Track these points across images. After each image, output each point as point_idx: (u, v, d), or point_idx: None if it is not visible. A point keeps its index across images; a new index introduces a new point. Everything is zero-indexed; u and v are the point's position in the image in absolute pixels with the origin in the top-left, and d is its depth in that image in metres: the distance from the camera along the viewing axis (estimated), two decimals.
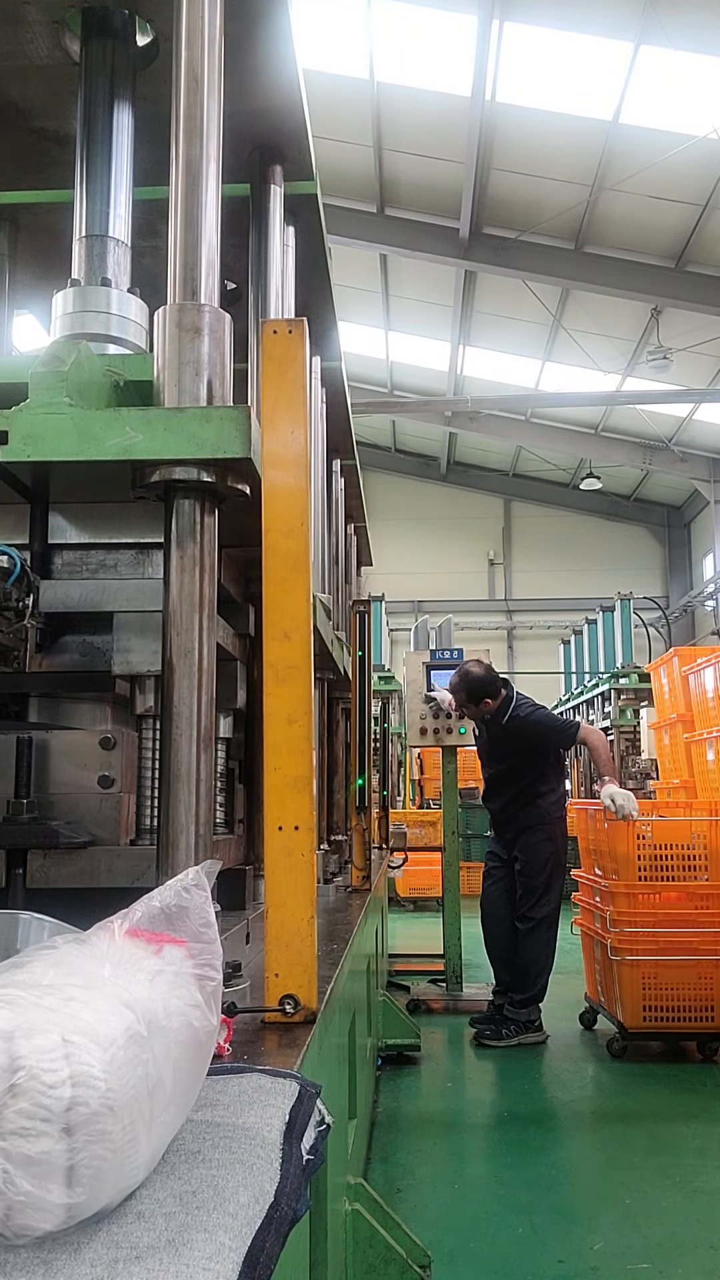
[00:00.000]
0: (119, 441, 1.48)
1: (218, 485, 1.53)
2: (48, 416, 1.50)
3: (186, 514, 1.54)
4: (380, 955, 5.09)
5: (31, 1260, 0.72)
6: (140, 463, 1.51)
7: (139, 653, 1.79)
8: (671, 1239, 2.89)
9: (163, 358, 1.58)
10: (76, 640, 1.89)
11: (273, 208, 2.47)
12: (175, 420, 1.50)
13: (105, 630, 1.84)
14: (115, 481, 1.59)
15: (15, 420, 1.49)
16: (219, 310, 1.61)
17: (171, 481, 1.52)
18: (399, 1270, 2.22)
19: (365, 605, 4.00)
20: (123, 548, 1.84)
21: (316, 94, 3.42)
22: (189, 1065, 0.89)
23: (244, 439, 1.48)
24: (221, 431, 1.48)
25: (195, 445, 1.48)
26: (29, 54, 2.22)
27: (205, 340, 1.57)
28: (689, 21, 9.05)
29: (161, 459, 1.50)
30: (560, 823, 5.39)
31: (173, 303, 1.60)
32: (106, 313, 1.96)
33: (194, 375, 1.55)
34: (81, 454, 1.49)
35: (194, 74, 1.66)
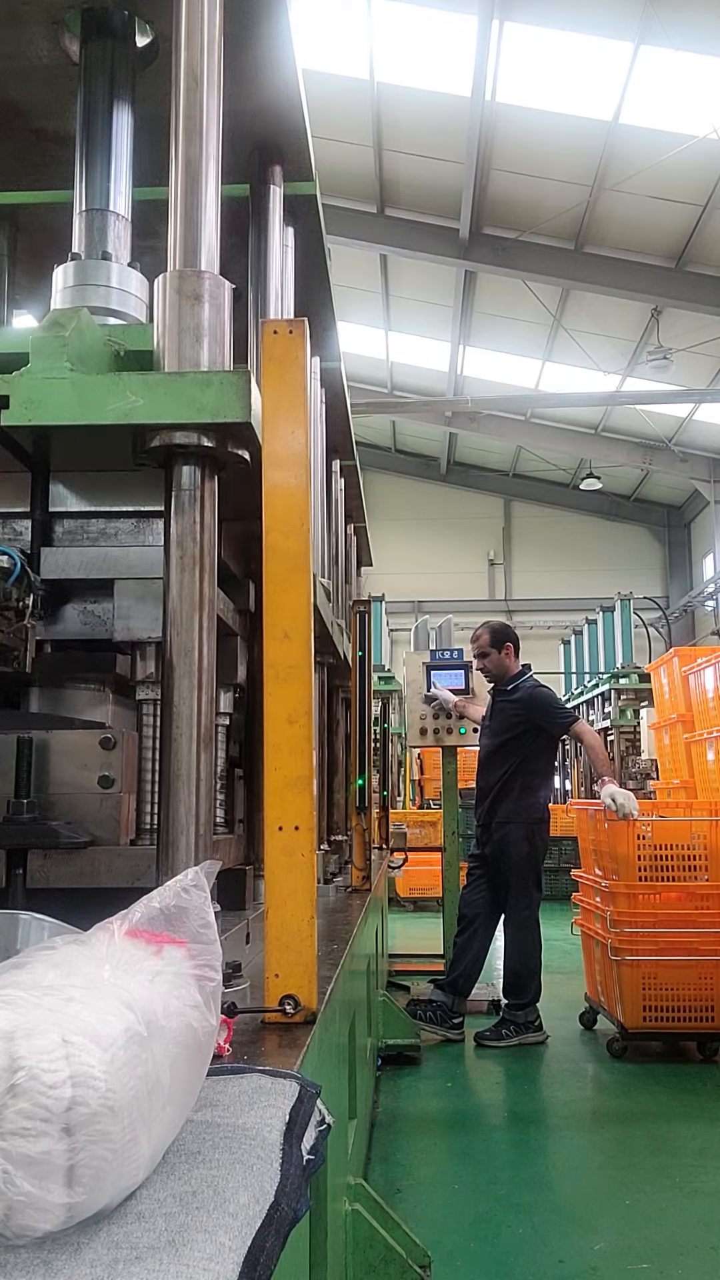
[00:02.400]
0: (119, 406, 1.49)
1: (218, 450, 1.53)
2: (48, 381, 1.51)
3: (187, 480, 1.54)
4: (380, 955, 5.09)
5: (31, 1260, 0.72)
6: (141, 427, 1.52)
7: (139, 619, 1.80)
8: (671, 1239, 2.89)
9: (163, 324, 1.58)
10: (77, 608, 1.90)
11: (272, 208, 2.47)
12: (175, 385, 1.50)
13: (106, 598, 1.84)
14: (116, 449, 1.59)
15: (16, 385, 1.50)
16: (219, 278, 1.62)
17: (172, 446, 1.52)
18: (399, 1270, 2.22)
19: (365, 605, 4.00)
20: (123, 516, 1.85)
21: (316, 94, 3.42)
22: (189, 1065, 0.89)
23: (244, 403, 1.49)
24: (221, 396, 1.49)
25: (195, 409, 1.49)
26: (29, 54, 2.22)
27: (205, 306, 1.58)
28: (689, 21, 9.05)
29: (162, 423, 1.50)
30: (541, 825, 5.34)
31: (173, 269, 1.60)
32: (107, 286, 1.97)
33: (194, 341, 1.56)
34: (82, 418, 1.50)
35: (194, 74, 1.66)
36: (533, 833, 5.28)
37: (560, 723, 5.35)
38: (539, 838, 5.31)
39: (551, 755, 5.64)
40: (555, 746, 5.75)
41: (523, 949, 5.20)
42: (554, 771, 5.86)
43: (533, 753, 5.33)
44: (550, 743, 5.51)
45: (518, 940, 5.22)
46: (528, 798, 5.29)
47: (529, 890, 5.26)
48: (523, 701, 5.32)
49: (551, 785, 5.90)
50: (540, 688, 5.43)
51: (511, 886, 5.25)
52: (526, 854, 5.24)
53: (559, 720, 5.35)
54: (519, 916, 5.23)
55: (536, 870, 5.32)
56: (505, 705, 5.38)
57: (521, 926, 5.22)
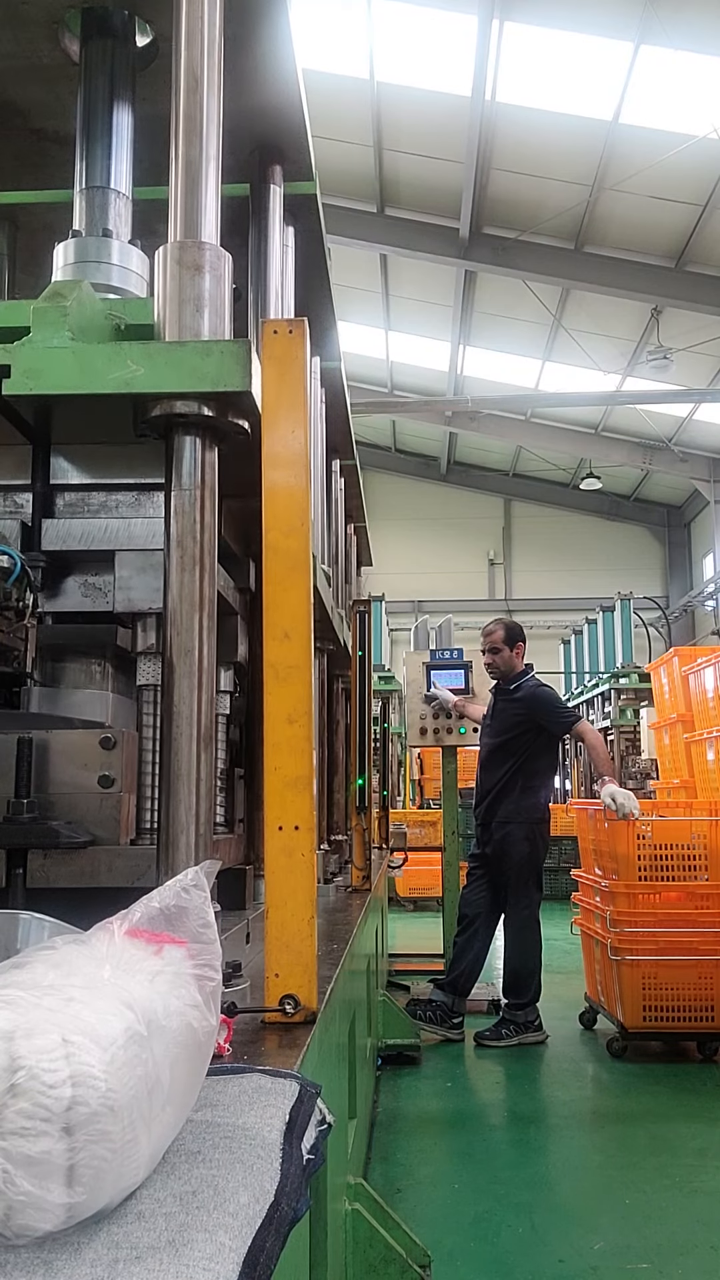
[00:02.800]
0: (120, 375, 1.49)
1: (218, 420, 1.53)
2: (49, 350, 1.51)
3: (187, 451, 1.54)
4: (380, 955, 5.09)
5: (31, 1260, 0.72)
6: (141, 396, 1.52)
7: (140, 590, 1.81)
8: (671, 1239, 2.89)
9: (163, 295, 1.59)
10: (78, 581, 1.90)
11: (272, 208, 2.47)
12: (176, 354, 1.51)
13: (106, 570, 1.85)
14: (117, 421, 1.60)
15: (17, 354, 1.51)
16: (219, 249, 1.62)
17: (172, 416, 1.52)
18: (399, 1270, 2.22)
19: (365, 605, 4.00)
20: (124, 489, 1.85)
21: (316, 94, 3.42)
22: (189, 1065, 0.89)
23: (244, 372, 1.49)
24: (222, 365, 1.49)
25: (196, 378, 1.49)
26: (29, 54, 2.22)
27: (206, 277, 1.58)
28: (689, 21, 9.05)
29: (162, 392, 1.50)
30: (541, 825, 5.35)
31: (173, 240, 1.61)
32: (108, 263, 1.98)
33: (194, 311, 1.57)
34: (83, 387, 1.50)
35: (194, 74, 1.66)
36: (533, 832, 5.28)
37: (563, 722, 5.35)
38: (540, 837, 5.32)
39: (553, 755, 5.64)
40: (557, 746, 5.76)
41: (523, 949, 5.20)
42: (555, 771, 5.85)
43: (534, 752, 5.33)
44: (552, 742, 5.51)
45: (518, 940, 5.22)
46: (529, 797, 5.29)
47: (529, 890, 5.26)
48: (525, 701, 5.32)
49: (552, 785, 5.90)
50: (542, 687, 5.44)
51: (512, 886, 5.25)
52: (527, 854, 5.24)
53: (561, 720, 5.35)
54: (519, 916, 5.24)
55: (537, 870, 5.32)
56: (507, 705, 5.38)
57: (522, 926, 5.23)
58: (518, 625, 5.64)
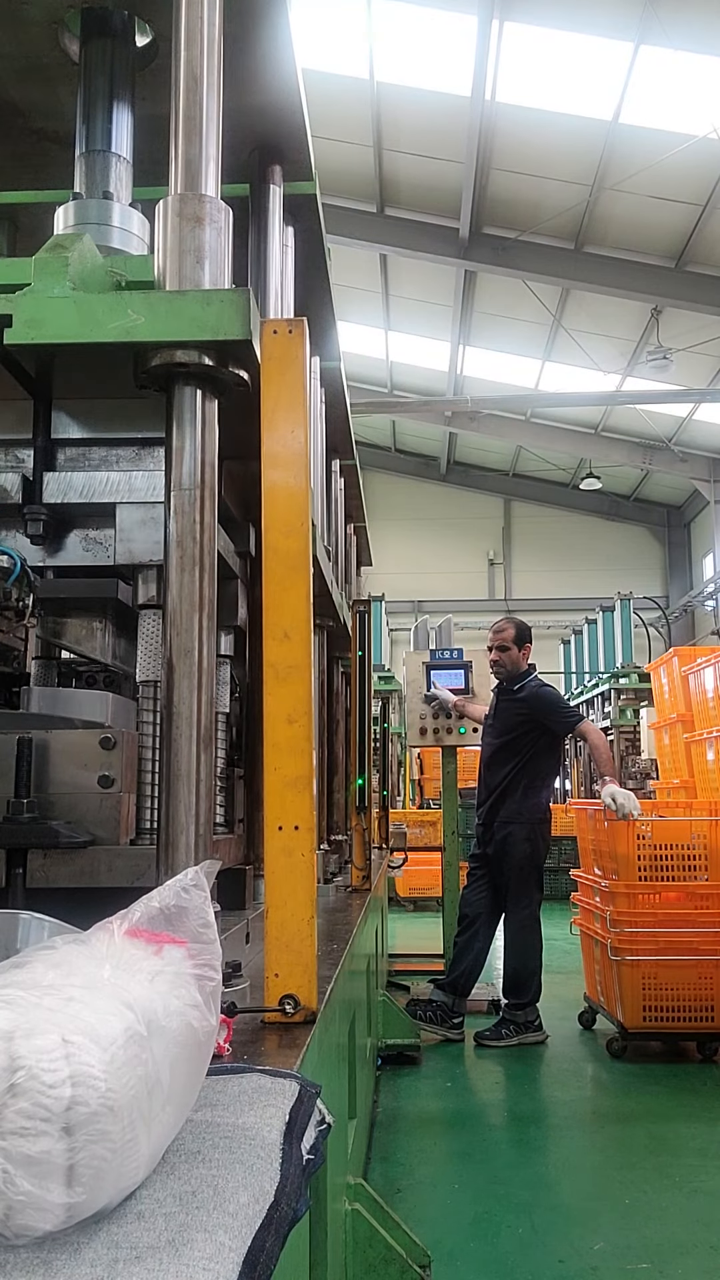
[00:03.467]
0: (121, 324, 1.50)
1: (218, 370, 1.54)
2: (51, 300, 1.52)
3: (188, 403, 1.55)
4: (380, 955, 5.09)
5: (31, 1260, 0.72)
6: (142, 346, 1.52)
7: (141, 542, 1.81)
8: (671, 1239, 2.89)
9: (164, 247, 1.60)
10: (80, 535, 1.91)
11: (272, 208, 2.47)
12: (177, 303, 1.51)
13: (107, 525, 1.85)
14: (118, 376, 1.60)
15: (19, 304, 1.52)
16: (219, 201, 1.62)
17: (173, 366, 1.53)
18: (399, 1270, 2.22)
19: (365, 605, 4.00)
20: (125, 443, 1.86)
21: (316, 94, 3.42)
22: (188, 1065, 0.89)
23: (244, 321, 1.50)
24: (222, 314, 1.50)
25: (197, 327, 1.50)
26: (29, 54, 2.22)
27: (206, 229, 1.59)
28: (689, 21, 9.05)
29: (163, 341, 1.51)
30: (543, 825, 5.35)
31: (174, 193, 1.61)
32: (108, 225, 1.98)
33: (195, 263, 1.57)
34: (84, 336, 1.51)
35: (193, 74, 1.66)
36: (535, 833, 5.28)
37: (566, 722, 5.35)
38: (541, 838, 5.32)
39: (556, 755, 5.64)
40: (559, 746, 5.75)
41: (523, 949, 5.20)
42: (558, 772, 5.85)
43: (537, 753, 5.33)
44: (554, 743, 5.51)
45: (518, 940, 5.22)
46: (531, 798, 5.29)
47: (530, 890, 5.26)
48: (528, 701, 5.31)
49: (553, 784, 5.90)
50: (545, 687, 5.44)
51: (513, 886, 5.25)
52: (528, 854, 5.24)
53: (564, 720, 5.35)
54: (520, 916, 5.24)
55: (538, 870, 5.32)
56: (510, 705, 5.38)
57: (522, 926, 5.22)
58: (528, 626, 5.63)
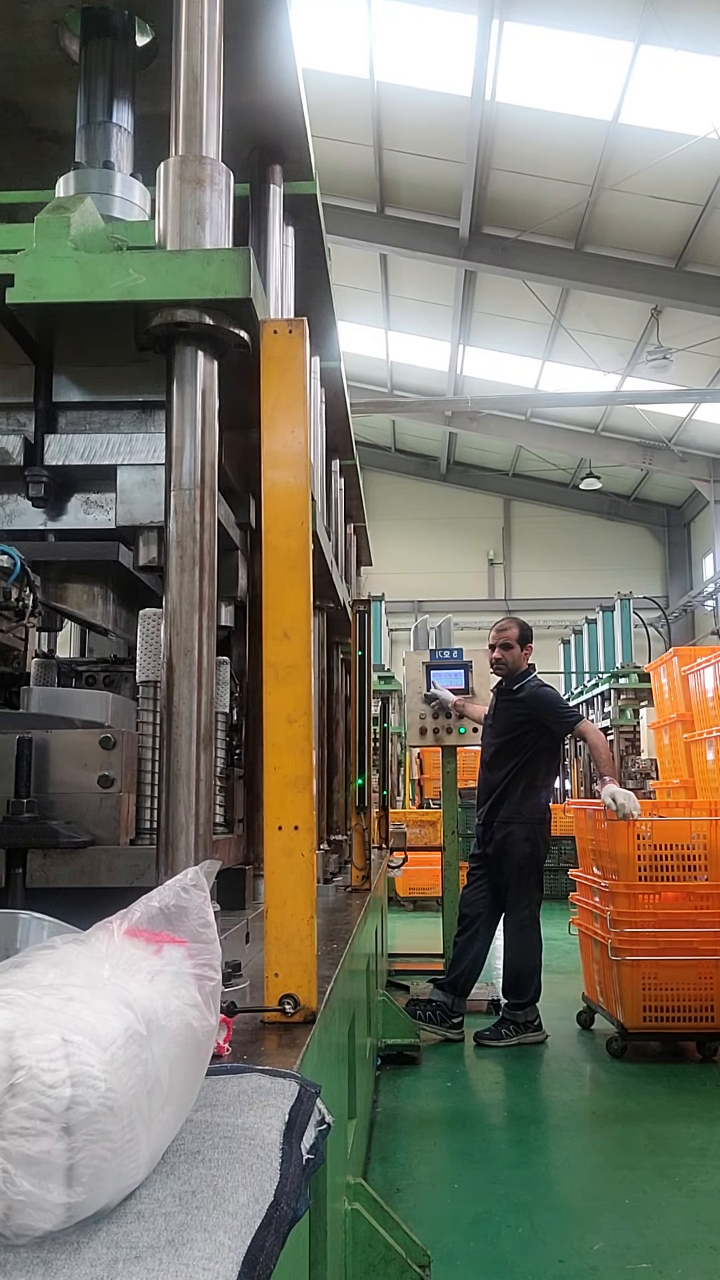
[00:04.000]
0: (122, 283, 1.51)
1: (218, 330, 1.55)
2: (53, 260, 1.53)
3: (188, 363, 1.55)
4: (380, 955, 5.09)
5: (31, 1260, 0.72)
6: (143, 306, 1.53)
7: (141, 504, 1.81)
8: (671, 1239, 2.89)
9: (164, 208, 1.60)
10: (80, 499, 1.91)
11: (272, 208, 2.47)
12: (177, 262, 1.52)
13: (108, 489, 1.86)
14: (119, 337, 1.62)
15: (21, 264, 1.53)
16: (219, 163, 1.63)
17: (173, 325, 1.53)
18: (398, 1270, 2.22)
19: (365, 605, 4.00)
20: (125, 406, 1.86)
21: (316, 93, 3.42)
22: (188, 1065, 0.89)
23: (244, 280, 1.50)
24: (223, 273, 1.51)
25: (197, 286, 1.50)
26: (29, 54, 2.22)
27: (207, 191, 1.59)
28: (689, 21, 9.05)
29: (164, 300, 1.51)
30: (543, 825, 5.34)
31: (175, 155, 1.62)
32: (109, 194, 1.99)
33: (195, 224, 1.58)
34: (86, 295, 1.52)
35: (193, 74, 1.66)
36: (534, 833, 5.28)
37: (566, 722, 5.35)
38: (541, 838, 5.32)
39: (555, 755, 5.64)
40: (559, 747, 5.76)
41: (523, 948, 5.20)
42: (557, 772, 5.85)
43: (536, 753, 5.33)
44: (554, 743, 5.51)
45: (518, 940, 5.22)
46: (530, 798, 5.29)
47: (530, 890, 5.26)
48: (527, 701, 5.32)
49: (553, 784, 5.90)
50: (544, 687, 5.44)
51: (512, 886, 5.25)
52: (528, 854, 5.24)
53: (564, 719, 5.35)
54: (520, 916, 5.24)
55: (538, 870, 5.32)
56: (509, 705, 5.38)
57: (522, 926, 5.23)
58: (530, 626, 5.64)
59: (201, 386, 1.56)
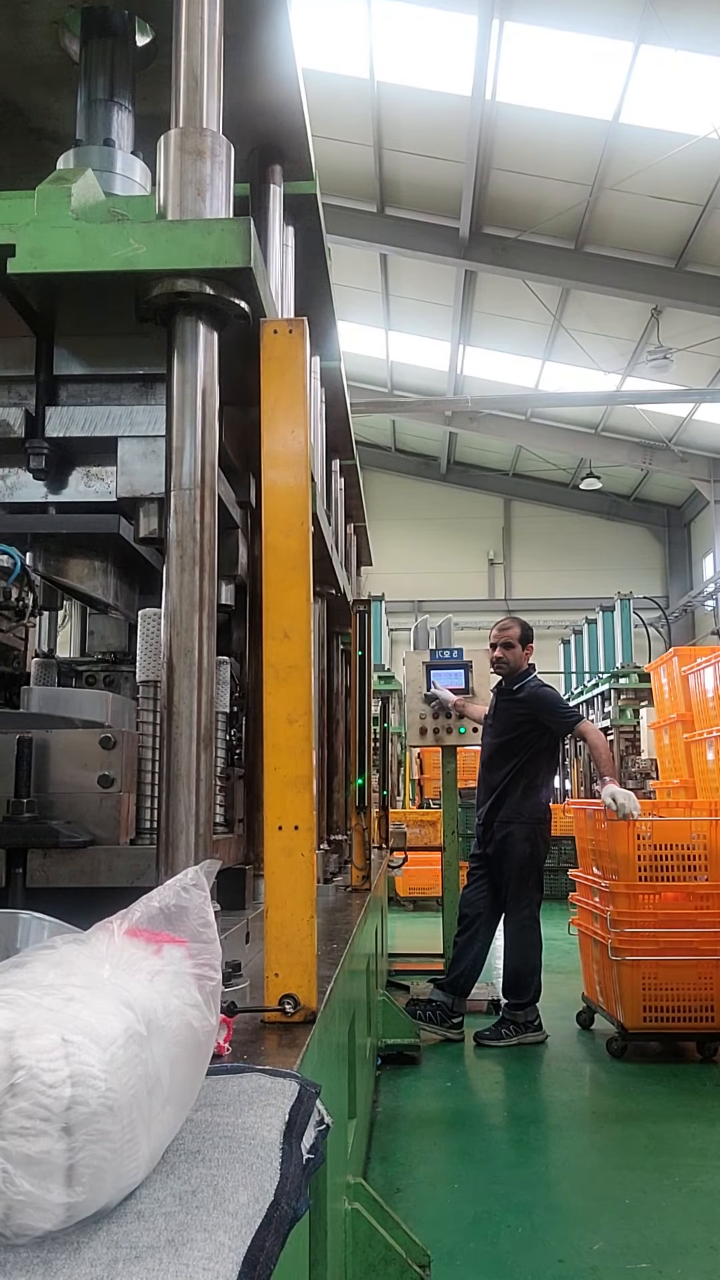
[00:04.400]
0: (123, 253, 1.51)
1: (219, 300, 1.55)
2: (54, 230, 1.54)
3: (189, 334, 1.55)
4: (380, 955, 5.09)
5: (31, 1260, 0.72)
6: (143, 276, 1.53)
7: (142, 475, 1.81)
8: (671, 1239, 2.89)
9: (165, 179, 1.61)
10: (81, 472, 1.91)
11: (272, 207, 2.47)
12: (178, 232, 1.52)
13: (109, 461, 1.86)
14: (119, 309, 1.62)
15: (22, 233, 1.54)
16: (220, 135, 1.63)
17: (174, 296, 1.53)
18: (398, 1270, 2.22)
19: (365, 605, 4.01)
20: (126, 379, 1.87)
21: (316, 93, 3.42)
22: (188, 1065, 0.89)
23: (244, 249, 1.50)
24: (223, 242, 1.51)
25: (198, 255, 1.51)
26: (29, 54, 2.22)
27: (208, 162, 1.60)
28: (689, 21, 9.05)
29: (164, 270, 1.52)
30: (543, 825, 5.35)
31: (176, 127, 1.62)
32: (110, 172, 1.99)
33: (196, 195, 1.58)
34: (87, 265, 1.52)
35: (193, 74, 1.66)
36: (534, 833, 5.28)
37: (565, 722, 5.36)
38: (541, 838, 5.32)
39: (554, 755, 5.65)
40: (558, 746, 5.76)
41: (523, 949, 5.20)
42: (556, 771, 5.86)
43: (536, 753, 5.33)
44: (553, 743, 5.52)
45: (518, 940, 5.23)
46: (530, 798, 5.29)
47: (530, 890, 5.26)
48: (527, 701, 5.32)
49: (552, 784, 5.91)
50: (544, 687, 5.44)
51: (512, 886, 5.25)
52: (528, 854, 5.24)
53: (564, 720, 5.36)
54: (520, 916, 5.24)
55: (538, 870, 5.32)
56: (509, 705, 5.39)
57: (522, 926, 5.23)
58: (531, 626, 5.65)
59: (202, 358, 1.56)
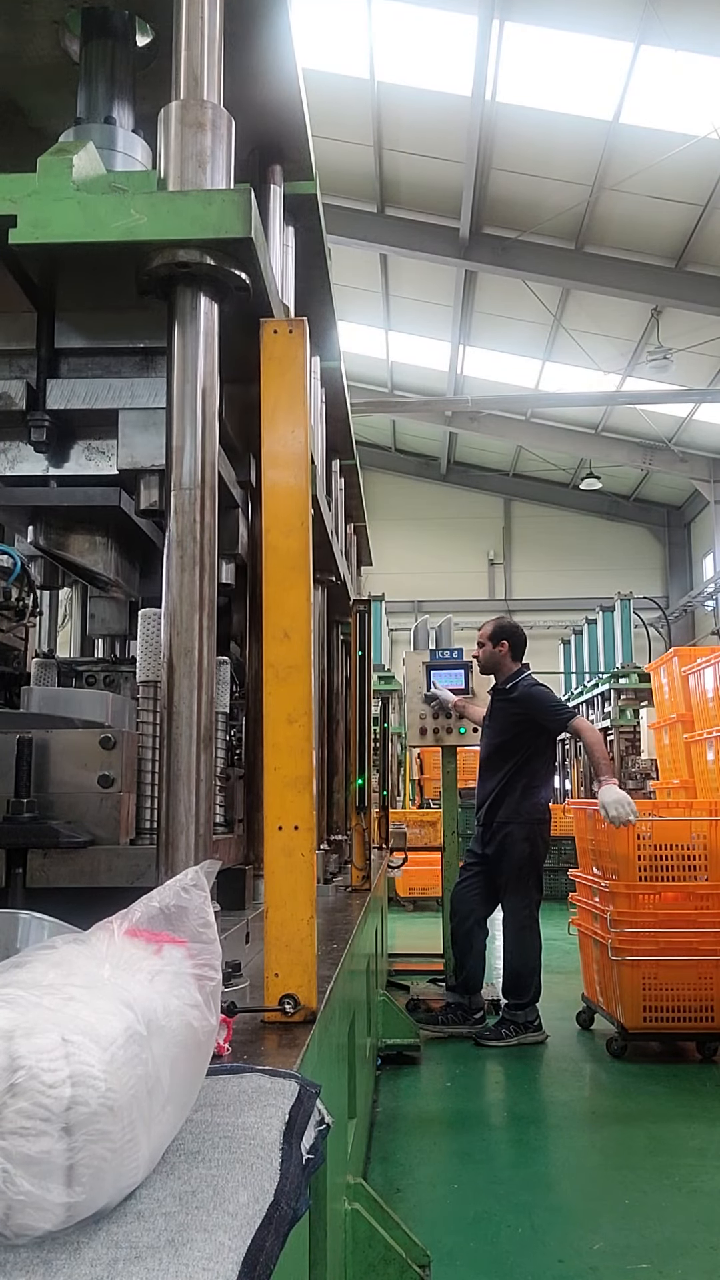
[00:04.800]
0: (124, 223, 1.51)
1: (219, 271, 1.55)
2: (55, 201, 1.54)
3: (189, 306, 1.55)
4: (380, 955, 5.09)
5: (31, 1260, 0.72)
6: (144, 247, 1.53)
7: (143, 448, 1.81)
8: (671, 1239, 2.89)
9: (166, 152, 1.61)
10: (82, 445, 1.92)
11: (272, 208, 2.47)
12: (179, 202, 1.53)
13: (109, 435, 1.86)
14: (120, 283, 1.63)
15: (24, 204, 1.54)
16: (220, 108, 1.64)
17: (175, 267, 1.53)
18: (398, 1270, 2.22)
19: (365, 605, 4.01)
20: (126, 353, 1.87)
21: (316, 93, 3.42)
22: (188, 1065, 0.89)
23: (245, 219, 1.50)
24: (224, 212, 1.51)
25: (199, 225, 1.51)
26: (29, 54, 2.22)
27: (208, 134, 1.60)
28: (689, 21, 9.05)
29: (165, 240, 1.52)
30: (542, 825, 5.34)
31: (177, 100, 1.62)
32: (111, 150, 1.99)
33: (196, 167, 1.58)
34: (88, 235, 1.52)
35: (193, 74, 1.66)
36: (534, 833, 5.28)
37: (558, 719, 5.35)
38: (540, 837, 5.32)
39: (552, 755, 5.64)
40: (554, 746, 5.76)
41: (523, 949, 5.21)
42: (555, 771, 5.85)
43: (534, 753, 5.33)
44: (550, 742, 5.51)
45: (518, 940, 5.23)
46: (529, 798, 5.29)
47: (529, 890, 5.26)
48: (520, 701, 5.32)
49: (552, 785, 5.90)
50: (537, 686, 5.44)
51: (511, 887, 5.25)
52: (527, 854, 5.24)
53: (557, 716, 5.35)
54: (519, 916, 5.24)
55: (537, 870, 5.32)
56: (504, 705, 5.39)
57: (522, 927, 5.23)
58: (510, 624, 5.64)
59: (203, 330, 1.56)
